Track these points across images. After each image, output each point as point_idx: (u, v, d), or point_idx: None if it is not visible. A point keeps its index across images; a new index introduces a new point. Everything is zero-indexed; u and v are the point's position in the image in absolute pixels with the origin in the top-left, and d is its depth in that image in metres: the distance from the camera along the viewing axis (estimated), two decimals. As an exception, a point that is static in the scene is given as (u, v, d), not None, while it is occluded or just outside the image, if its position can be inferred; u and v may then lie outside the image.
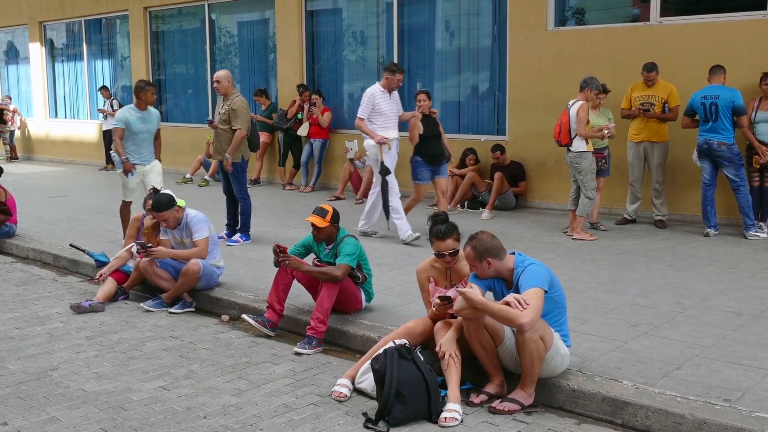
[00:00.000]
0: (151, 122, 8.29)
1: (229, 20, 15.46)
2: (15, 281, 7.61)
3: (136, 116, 8.13)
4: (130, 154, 8.16)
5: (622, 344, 4.93)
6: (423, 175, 8.67)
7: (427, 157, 8.60)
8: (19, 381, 4.85)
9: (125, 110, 8.22)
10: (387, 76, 8.56)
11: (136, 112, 8.16)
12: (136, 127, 8.10)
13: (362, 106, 8.54)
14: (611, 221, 9.35)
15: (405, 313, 5.65)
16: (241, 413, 4.33)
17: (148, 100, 8.20)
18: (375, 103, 8.49)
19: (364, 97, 8.55)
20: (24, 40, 20.49)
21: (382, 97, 8.55)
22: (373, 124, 8.51)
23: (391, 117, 8.64)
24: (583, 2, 10.53)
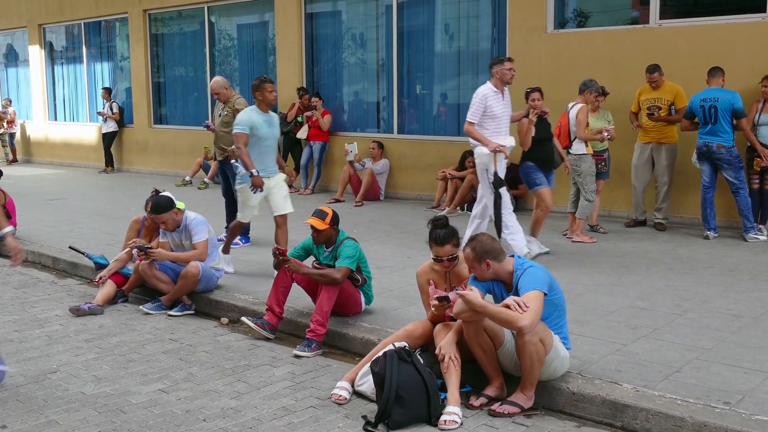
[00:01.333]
0: (275, 126, 7.15)
1: (228, 23, 15.47)
2: (14, 284, 7.60)
3: (261, 119, 6.92)
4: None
5: (622, 347, 4.93)
6: (541, 179, 7.87)
7: (540, 162, 7.85)
8: (18, 384, 4.84)
9: (249, 112, 7.00)
10: (496, 70, 7.51)
11: (260, 114, 6.97)
12: (262, 131, 6.91)
13: (472, 108, 7.48)
14: (611, 224, 9.35)
15: (404, 316, 5.65)
16: (240, 416, 4.32)
17: (267, 100, 6.99)
18: (487, 105, 7.44)
19: (475, 98, 7.49)
20: (23, 43, 20.49)
21: (494, 97, 7.48)
22: (484, 129, 7.45)
23: (503, 120, 7.61)
24: (582, 4, 10.54)
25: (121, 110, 17.23)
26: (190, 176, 14.61)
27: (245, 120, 6.91)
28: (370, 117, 13.06)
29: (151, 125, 16.89)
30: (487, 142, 7.38)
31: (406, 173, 12.14)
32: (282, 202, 7.10)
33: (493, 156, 7.38)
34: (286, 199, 7.15)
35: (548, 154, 7.92)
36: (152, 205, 6.49)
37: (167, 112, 16.87)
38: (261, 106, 7.00)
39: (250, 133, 6.89)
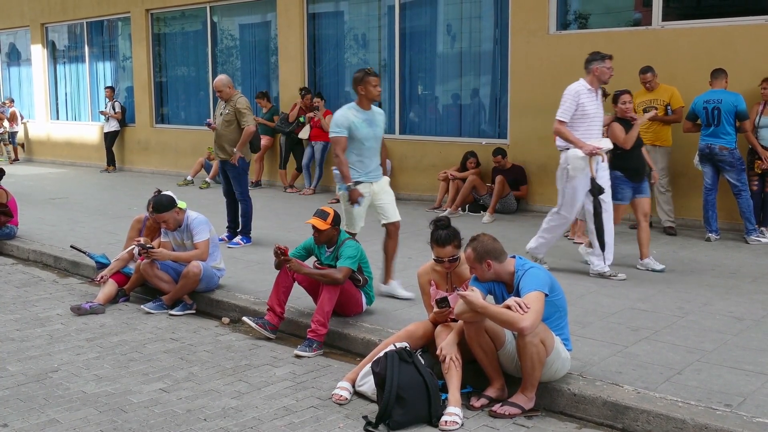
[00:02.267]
0: (377, 125, 6.27)
1: (230, 23, 15.47)
2: (16, 283, 7.61)
3: (360, 118, 6.12)
4: (354, 169, 6.14)
5: (623, 348, 4.92)
6: (624, 194, 7.19)
7: (629, 172, 7.17)
8: (19, 383, 4.85)
9: (346, 111, 6.14)
10: (595, 67, 6.85)
11: (359, 112, 6.15)
12: (361, 132, 6.09)
13: (563, 106, 6.85)
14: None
15: (406, 317, 5.64)
16: (241, 416, 4.32)
17: (372, 95, 6.13)
18: (579, 103, 6.79)
19: (566, 95, 6.87)
20: (26, 42, 20.51)
21: (588, 96, 6.85)
22: (573, 130, 6.79)
23: (596, 121, 6.91)
24: (585, 6, 10.54)
25: (123, 110, 17.24)
26: (192, 176, 14.61)
27: (341, 120, 6.05)
28: (372, 117, 13.03)
29: (153, 125, 16.90)
30: (581, 144, 6.72)
31: (407, 174, 12.14)
32: (392, 209, 6.30)
33: (589, 160, 6.70)
34: (394, 205, 6.36)
35: (639, 164, 7.27)
36: (153, 205, 6.50)
37: (169, 111, 16.88)
38: (362, 103, 6.14)
39: (348, 135, 6.08)
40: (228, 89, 8.53)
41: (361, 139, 6.09)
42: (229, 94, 8.53)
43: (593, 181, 6.74)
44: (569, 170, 6.84)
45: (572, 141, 6.77)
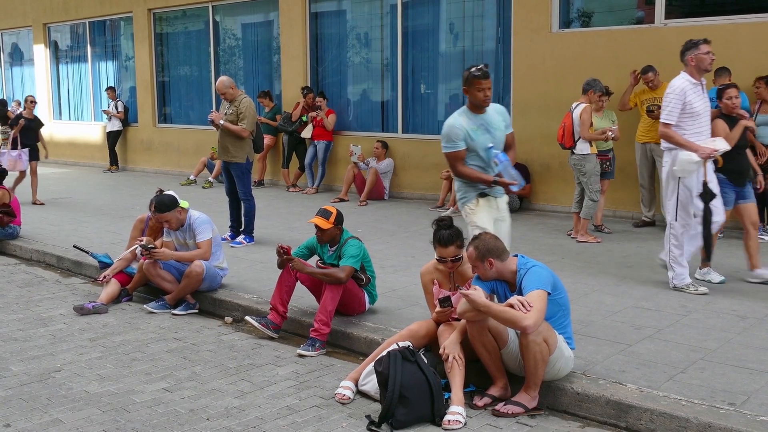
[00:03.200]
0: (496, 127, 5.25)
1: (233, 22, 15.47)
2: (19, 282, 7.62)
3: (473, 125, 5.19)
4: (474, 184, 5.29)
5: (627, 347, 4.91)
6: (727, 198, 6.54)
7: (732, 175, 6.57)
8: (22, 383, 4.85)
9: (457, 119, 5.21)
10: (691, 56, 6.17)
11: (471, 118, 5.21)
12: (477, 141, 5.17)
13: (669, 106, 6.14)
14: (615, 224, 9.33)
15: (408, 316, 5.64)
16: (244, 415, 4.32)
17: (476, 100, 5.16)
18: (686, 101, 6.09)
19: (670, 93, 6.17)
20: (28, 42, 20.52)
21: (693, 90, 6.10)
22: (682, 131, 6.10)
23: (704, 118, 6.20)
24: (587, 4, 10.52)
25: (125, 109, 17.25)
26: (195, 175, 14.62)
27: (454, 133, 5.17)
28: (375, 116, 13.05)
29: (156, 124, 16.91)
30: (696, 147, 6.03)
31: (410, 173, 12.13)
32: (507, 238, 5.29)
33: (703, 164, 6.07)
34: (509, 238, 5.37)
35: (743, 166, 6.70)
36: (156, 204, 6.50)
37: (171, 111, 16.89)
38: (473, 106, 5.23)
39: (465, 143, 5.18)
40: (231, 90, 8.52)
41: (480, 149, 5.18)
42: (233, 95, 8.52)
43: (705, 186, 6.14)
44: (677, 172, 6.16)
45: (684, 145, 6.05)
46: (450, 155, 5.24)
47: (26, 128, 12.26)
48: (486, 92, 5.13)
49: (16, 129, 12.15)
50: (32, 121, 12.47)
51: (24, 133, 12.20)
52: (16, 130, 12.13)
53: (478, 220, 5.25)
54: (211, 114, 8.60)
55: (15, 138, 12.09)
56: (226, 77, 8.65)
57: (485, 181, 5.16)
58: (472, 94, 5.16)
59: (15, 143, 12.09)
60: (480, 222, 5.23)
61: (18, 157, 11.97)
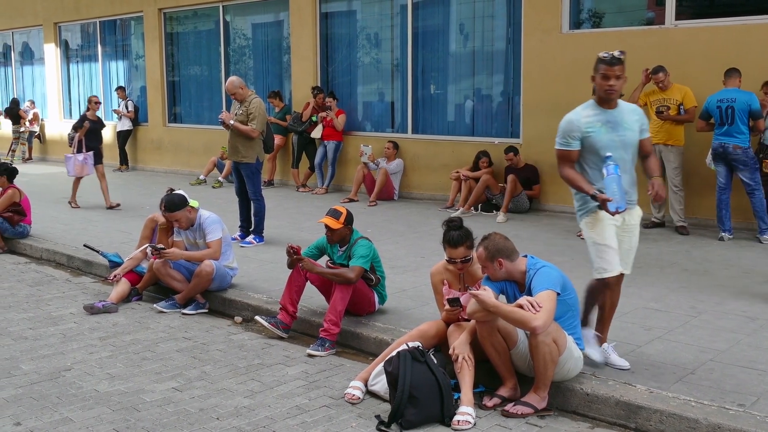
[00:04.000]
0: (627, 127, 4.53)
1: (243, 22, 15.51)
2: (29, 281, 7.65)
3: (598, 120, 4.48)
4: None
5: (636, 348, 4.90)
6: None
7: None
8: (33, 381, 4.87)
9: (578, 113, 4.53)
10: None
11: (597, 112, 4.51)
12: (599, 139, 4.45)
13: None
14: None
15: (418, 316, 5.64)
16: (253, 415, 4.33)
17: (599, 89, 4.48)
18: None
19: None
20: (39, 41, 20.62)
21: None
22: None
23: None
24: (598, 5, 10.50)
25: (136, 109, 17.31)
26: (205, 175, 14.66)
27: (568, 128, 4.49)
28: (385, 117, 13.06)
29: (166, 124, 16.96)
30: None
31: (420, 173, 12.13)
32: (629, 258, 4.68)
33: None
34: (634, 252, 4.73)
35: None
36: (166, 203, 6.52)
37: (182, 110, 16.94)
38: (603, 100, 4.52)
39: (582, 144, 4.49)
40: (241, 90, 8.53)
41: (600, 149, 4.44)
42: (243, 95, 8.53)
43: None
44: None
45: None
46: (559, 153, 4.57)
47: (91, 131, 11.60)
48: (612, 82, 4.39)
49: (81, 132, 11.47)
50: (97, 123, 11.94)
51: (88, 135, 11.56)
52: (81, 133, 11.45)
53: (597, 235, 4.50)
54: (222, 114, 8.62)
55: (80, 141, 11.45)
56: (236, 77, 8.66)
57: (585, 192, 4.44)
58: (596, 82, 4.48)
59: (80, 147, 11.46)
60: (599, 238, 4.48)
61: (84, 161, 11.41)
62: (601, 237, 4.48)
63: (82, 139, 11.48)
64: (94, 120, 11.81)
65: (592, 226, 4.54)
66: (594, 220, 4.52)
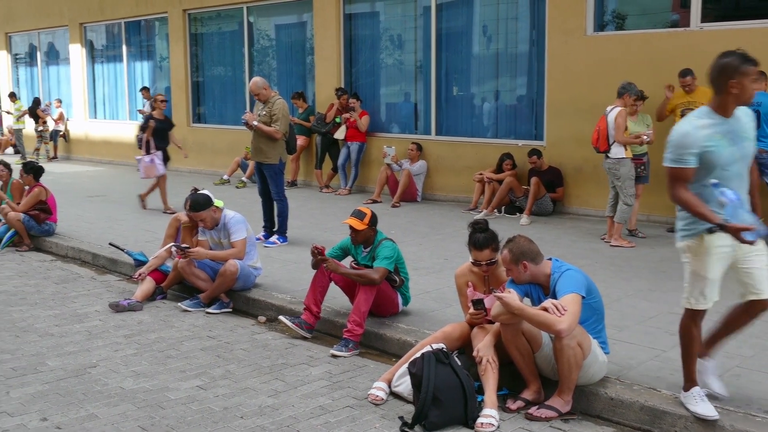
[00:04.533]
0: (744, 137, 3.94)
1: (266, 23, 15.58)
2: (55, 279, 7.74)
3: (719, 131, 3.86)
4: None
5: (661, 353, 4.87)
6: None
7: None
8: (59, 377, 4.93)
9: (694, 125, 3.89)
10: None
11: (717, 123, 3.89)
12: (721, 154, 3.83)
13: None
14: (650, 228, 9.23)
15: (442, 318, 5.64)
16: (277, 414, 4.35)
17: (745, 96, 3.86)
18: None
19: None
20: (64, 42, 20.84)
21: None
22: None
23: None
24: (622, 7, 10.44)
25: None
26: (228, 175, 14.73)
27: (685, 141, 3.84)
28: (408, 118, 13.06)
29: (190, 124, 17.07)
30: None
31: (443, 175, 12.11)
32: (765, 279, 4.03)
33: None
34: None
35: None
36: (190, 203, 6.57)
37: (205, 111, 17.04)
38: (723, 106, 3.93)
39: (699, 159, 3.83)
40: (264, 91, 8.57)
41: (722, 165, 3.83)
42: (266, 96, 8.57)
43: None
44: None
45: None
46: (673, 173, 3.88)
47: (158, 130, 11.14)
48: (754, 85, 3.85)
49: (147, 132, 11.04)
50: (163, 122, 11.42)
51: (155, 135, 11.10)
52: (148, 133, 11.03)
53: (700, 267, 3.95)
54: (245, 114, 8.66)
55: (147, 142, 11.02)
56: (260, 78, 8.70)
57: (709, 220, 3.78)
58: (742, 87, 3.82)
59: (147, 147, 11.03)
60: (702, 270, 3.94)
61: (151, 162, 10.97)
62: (704, 268, 3.94)
63: (150, 140, 11.07)
64: (160, 119, 11.31)
65: (696, 252, 3.96)
66: (698, 246, 3.94)
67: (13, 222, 9.11)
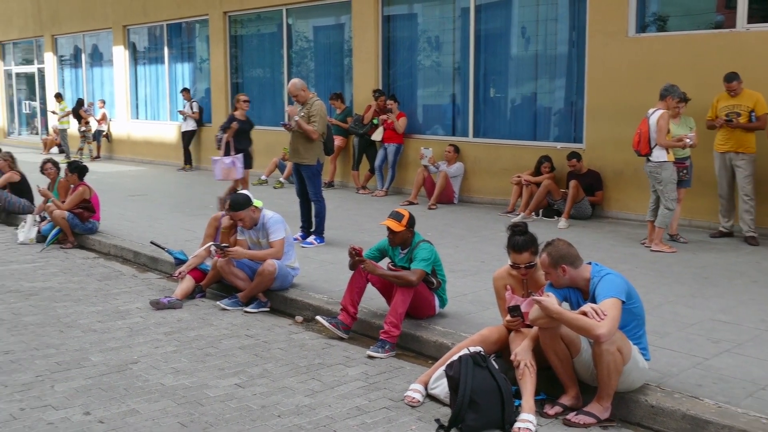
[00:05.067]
0: None
1: (305, 25, 15.67)
2: (97, 276, 7.86)
3: None
4: None
5: (703, 361, 4.78)
6: None
7: None
8: (101, 373, 5.01)
9: None
10: None
11: None
12: None
13: None
14: (691, 233, 9.09)
15: (478, 321, 5.61)
16: (314, 414, 4.37)
17: None
18: None
19: None
20: (108, 44, 21.19)
21: None
22: None
23: None
24: (665, 8, 10.29)
25: (200, 110, 17.66)
26: (266, 176, 14.84)
27: None
28: (445, 120, 13.04)
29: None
30: None
31: (480, 177, 12.06)
32: None
33: None
34: None
35: None
36: (230, 203, 6.63)
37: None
38: None
39: None
40: (303, 92, 8.61)
41: None
42: (305, 97, 8.61)
43: None
44: None
45: None
46: None
47: (239, 131, 10.65)
48: None
49: (229, 133, 10.62)
50: (245, 123, 11.02)
51: (237, 137, 10.65)
52: (230, 134, 10.61)
53: None
54: (288, 108, 8.72)
55: (228, 143, 10.61)
56: (299, 80, 8.75)
57: None
58: None
59: (227, 149, 10.62)
60: None
61: (231, 164, 10.48)
62: None
63: (230, 141, 10.66)
64: (242, 120, 10.85)
65: None
66: None
67: (58, 220, 9.29)
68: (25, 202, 11.01)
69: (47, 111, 23.48)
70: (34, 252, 9.05)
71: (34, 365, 5.14)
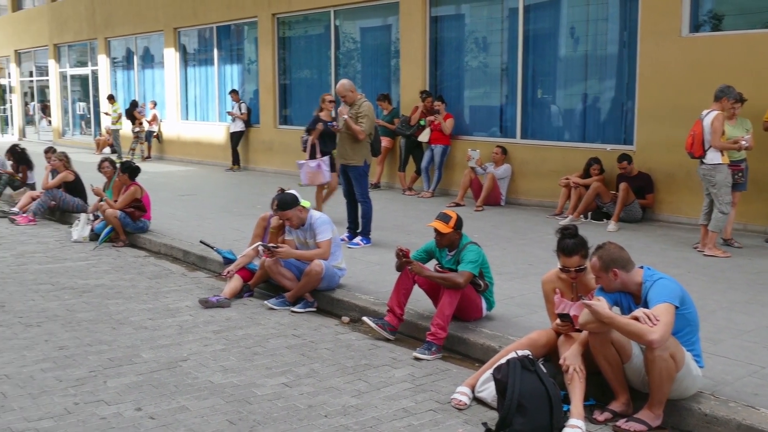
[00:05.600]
0: None
1: (352, 26, 15.72)
2: (148, 274, 7.99)
3: None
4: None
5: (760, 369, 4.66)
6: None
7: None
8: (152, 369, 5.08)
9: None
10: None
11: None
12: None
13: None
14: (746, 238, 8.87)
15: (526, 324, 5.56)
16: (360, 414, 4.37)
17: None
18: None
19: None
20: (159, 46, 21.56)
21: None
22: None
23: None
24: (719, 7, 10.07)
25: (248, 111, 17.85)
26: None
27: None
28: (493, 121, 12.96)
29: (277, 126, 17.39)
30: None
31: (528, 179, 11.96)
32: None
33: None
34: None
35: None
36: (278, 202, 6.68)
37: (291, 113, 17.32)
38: None
39: None
40: (351, 93, 8.64)
41: None
42: (353, 98, 8.64)
43: None
44: None
45: None
46: None
47: (325, 133, 9.90)
48: None
49: (313, 134, 9.96)
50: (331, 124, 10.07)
51: (322, 139, 9.94)
52: (314, 136, 9.94)
53: None
54: (340, 108, 8.75)
55: (313, 146, 9.97)
56: (347, 80, 8.78)
57: None
58: None
59: (313, 152, 9.99)
60: None
61: (317, 167, 9.88)
62: None
63: (316, 143, 10.00)
64: (328, 121, 10.07)
65: None
66: None
67: (110, 219, 9.47)
68: (79, 201, 11.29)
69: (100, 112, 23.99)
70: (87, 250, 9.25)
71: (87, 361, 5.24)
